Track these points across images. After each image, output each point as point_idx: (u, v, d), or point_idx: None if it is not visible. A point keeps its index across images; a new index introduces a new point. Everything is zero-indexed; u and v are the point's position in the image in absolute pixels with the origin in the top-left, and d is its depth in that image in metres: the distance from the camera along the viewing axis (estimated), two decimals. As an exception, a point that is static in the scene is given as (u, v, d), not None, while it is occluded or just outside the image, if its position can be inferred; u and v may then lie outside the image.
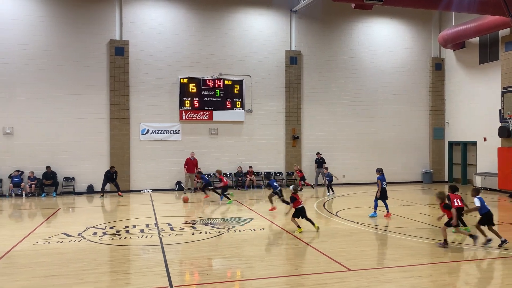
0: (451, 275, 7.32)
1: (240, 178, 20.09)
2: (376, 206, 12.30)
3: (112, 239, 9.79)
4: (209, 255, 8.50)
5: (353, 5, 15.48)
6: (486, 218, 8.93)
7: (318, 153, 20.93)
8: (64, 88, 18.29)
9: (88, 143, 18.55)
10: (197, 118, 19.84)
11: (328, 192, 17.60)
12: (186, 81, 19.63)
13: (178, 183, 19.42)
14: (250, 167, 20.23)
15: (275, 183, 13.72)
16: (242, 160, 20.38)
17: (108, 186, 18.23)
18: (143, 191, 18.99)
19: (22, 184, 17.50)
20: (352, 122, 22.05)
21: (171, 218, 12.62)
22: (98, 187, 18.19)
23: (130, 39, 19.04)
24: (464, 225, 9.90)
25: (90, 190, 18.31)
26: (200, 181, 18.07)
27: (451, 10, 17.64)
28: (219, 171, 16.13)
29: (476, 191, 9.28)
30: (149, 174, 19.26)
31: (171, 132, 19.66)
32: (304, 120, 21.38)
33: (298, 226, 10.34)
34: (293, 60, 21.10)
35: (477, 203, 8.93)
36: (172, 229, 10.90)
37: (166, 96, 19.55)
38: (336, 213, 13.12)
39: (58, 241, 9.47)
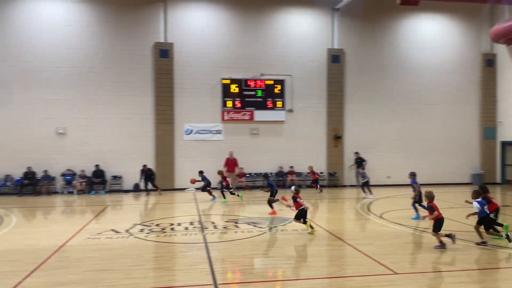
0: (507, 282, 6.96)
1: (281, 178, 20.06)
2: (416, 209, 11.97)
3: (158, 236, 10.07)
4: (252, 254, 8.55)
5: (398, 1, 15.07)
6: (485, 222, 8.81)
7: (356, 153, 20.50)
8: (112, 90, 19.02)
9: (135, 142, 19.18)
10: (239, 118, 20.02)
11: (365, 193, 16.75)
12: (228, 81, 19.85)
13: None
14: (291, 167, 20.16)
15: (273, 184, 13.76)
16: (283, 160, 20.34)
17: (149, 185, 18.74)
18: (187, 189, 19.39)
19: (73, 182, 18.37)
20: (396, 122, 21.46)
21: (214, 216, 12.83)
22: (142, 185, 18.80)
23: (175, 41, 19.51)
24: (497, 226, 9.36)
25: (136, 188, 18.93)
26: (242, 180, 18.24)
27: (503, 3, 16.75)
28: (220, 172, 16.34)
29: (476, 194, 9.08)
30: (193, 173, 19.56)
31: (213, 132, 19.96)
32: (346, 119, 21.04)
33: (311, 227, 10.12)
34: (335, 58, 20.81)
35: (475, 207, 8.79)
36: (215, 227, 11.06)
37: (209, 96, 19.86)
38: (381, 215, 12.81)
39: (107, 237, 9.86)
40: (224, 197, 15.62)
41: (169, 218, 12.56)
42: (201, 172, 16.82)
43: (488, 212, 8.89)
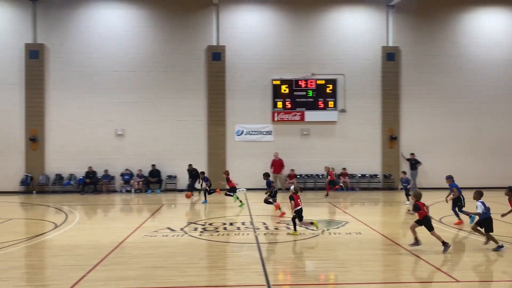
0: None
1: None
2: (457, 214, 11.40)
3: (211, 235, 10.25)
4: (305, 256, 8.47)
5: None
6: (485, 224, 8.57)
7: (411, 154, 19.69)
8: (167, 93, 19.66)
9: (188, 143, 19.70)
10: (289, 119, 19.95)
11: (408, 200, 15.00)
12: (278, 82, 19.86)
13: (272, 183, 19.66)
14: (344, 168, 19.77)
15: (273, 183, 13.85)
16: (335, 162, 19.99)
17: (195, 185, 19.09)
18: (238, 190, 19.57)
19: (131, 181, 19.17)
20: (456, 122, 20.41)
21: (266, 217, 12.85)
22: (198, 184, 19.21)
23: (226, 44, 19.81)
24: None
25: (190, 188, 19.36)
26: (292, 181, 18.13)
27: None
28: (226, 172, 16.13)
29: (479, 194, 8.84)
30: (244, 174, 19.81)
31: (264, 133, 20.04)
32: (402, 119, 20.32)
33: (295, 229, 10.15)
34: (390, 56, 20.17)
35: (479, 208, 8.61)
36: (267, 228, 11.08)
37: (259, 97, 19.98)
38: (440, 219, 12.23)
39: (163, 235, 10.18)
40: (231, 195, 15.27)
41: (222, 218, 12.74)
42: (202, 173, 16.91)
43: (489, 214, 8.61)
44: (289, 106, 19.92)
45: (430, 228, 8.48)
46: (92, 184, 18.96)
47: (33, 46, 19.38)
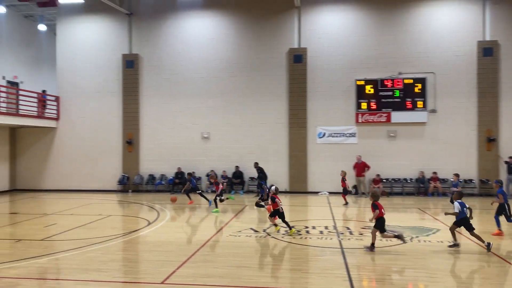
0: None
1: (422, 185, 18.63)
2: (498, 222, 10.37)
3: (293, 238, 10.23)
4: (391, 264, 8.08)
5: None
6: (463, 224, 8.84)
7: (510, 157, 17.76)
8: (249, 96, 20.10)
9: (270, 146, 19.93)
10: (374, 120, 19.24)
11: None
12: (362, 83, 19.27)
13: (354, 187, 19.13)
14: (434, 172, 18.55)
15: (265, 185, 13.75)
16: (425, 165, 18.86)
17: (283, 185, 19.18)
18: (320, 193, 19.37)
19: (216, 182, 19.87)
20: None
21: (350, 221, 12.52)
22: (279, 186, 19.29)
23: (308, 46, 19.73)
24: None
25: (259, 187, 19.58)
26: (378, 186, 17.46)
27: None
28: (212, 176, 15.50)
29: (459, 195, 9.16)
30: (326, 177, 19.53)
31: (347, 135, 19.56)
32: (501, 120, 18.54)
33: (275, 225, 10.67)
34: (488, 51, 18.53)
35: (456, 208, 8.85)
36: (351, 233, 10.79)
37: (342, 99, 19.55)
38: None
39: (247, 235, 10.39)
40: (216, 206, 14.57)
41: (304, 221, 12.67)
42: (189, 174, 16.71)
43: (466, 214, 8.81)
44: (374, 107, 19.22)
45: (382, 230, 8.80)
46: (181, 184, 19.98)
47: (129, 57, 21.06)
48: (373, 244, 8.82)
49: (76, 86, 21.50)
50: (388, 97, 19.11)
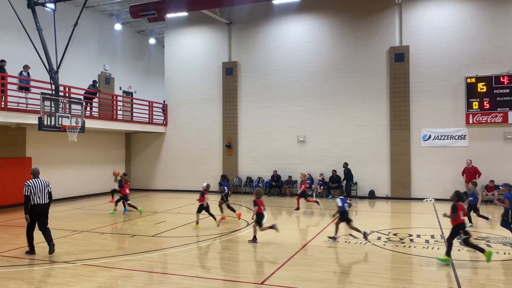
0: None
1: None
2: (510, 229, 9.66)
3: (396, 246, 9.72)
4: (508, 280, 7.23)
5: None
6: (343, 217, 10.00)
7: None
8: (347, 99, 19.63)
9: (369, 149, 19.22)
10: (487, 121, 17.48)
11: (470, 221, 11.88)
12: (473, 80, 17.63)
13: (465, 193, 17.54)
14: None
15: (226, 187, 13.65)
16: (551, 171, 16.61)
17: (384, 190, 18.31)
18: (425, 199, 18.14)
19: (313, 185, 19.74)
20: None
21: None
22: (379, 192, 18.67)
23: (410, 44, 18.67)
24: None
25: (371, 195, 18.87)
26: (493, 193, 15.82)
27: None
28: (204, 187, 12.57)
29: (341, 192, 10.53)
30: (432, 182, 18.25)
31: (456, 137, 18.04)
32: None
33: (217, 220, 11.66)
34: None
35: (339, 203, 10.00)
36: (461, 243, 9.90)
37: (449, 99, 18.11)
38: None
39: (346, 241, 10.13)
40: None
41: (407, 229, 11.97)
42: (224, 176, 15.01)
43: (346, 208, 10.01)
44: (488, 106, 17.47)
45: (260, 224, 9.93)
46: (277, 187, 20.26)
47: (228, 64, 21.99)
48: (255, 237, 10.03)
49: (182, 93, 23.05)
50: (504, 95, 17.22)
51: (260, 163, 21.24)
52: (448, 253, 8.19)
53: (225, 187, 14.00)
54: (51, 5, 15.47)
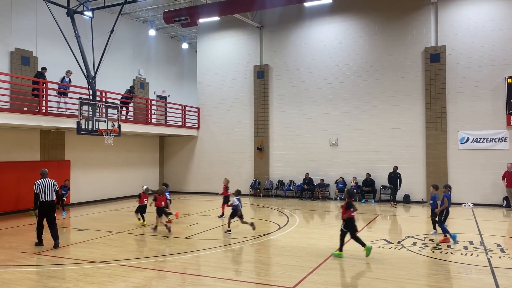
0: None
1: None
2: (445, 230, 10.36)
3: (432, 252, 9.43)
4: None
5: None
6: (234, 213, 11.57)
7: None
8: (380, 101, 19.26)
9: (404, 152, 18.76)
10: (531, 123, 16.72)
11: (434, 228, 11.43)
12: (514, 80, 16.92)
13: (506, 198, 16.84)
14: None
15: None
16: None
17: (419, 194, 17.81)
18: (463, 204, 17.52)
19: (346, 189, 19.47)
20: None
21: (500, 238, 11.05)
22: (414, 196, 18.19)
23: (447, 44, 18.13)
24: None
25: (406, 199, 18.39)
26: None
27: None
28: (144, 190, 13.36)
29: (237, 192, 12.04)
30: (470, 187, 17.61)
31: (496, 140, 17.35)
32: None
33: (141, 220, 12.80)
34: None
35: (235, 202, 11.57)
36: (502, 250, 9.50)
37: (489, 100, 17.44)
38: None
39: (380, 246, 9.92)
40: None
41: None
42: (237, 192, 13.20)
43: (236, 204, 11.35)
44: (530, 107, 16.70)
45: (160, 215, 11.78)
46: (309, 190, 20.09)
47: (259, 68, 22.06)
48: (156, 226, 11.89)
49: (214, 97, 23.31)
50: (549, 95, 16.41)
51: (291, 166, 21.15)
52: (341, 248, 9.05)
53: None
54: (89, 13, 16.06)
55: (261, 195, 21.44)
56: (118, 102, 17.76)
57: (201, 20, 20.39)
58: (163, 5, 21.10)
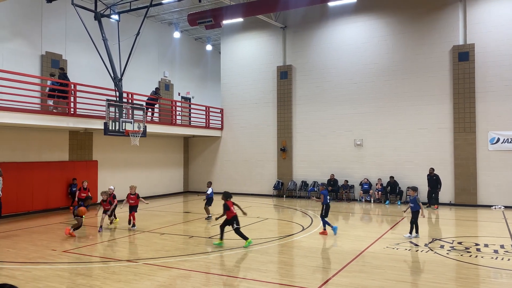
0: None
1: None
2: (325, 224, 11.58)
3: (461, 255, 9.18)
4: None
5: None
6: (209, 203, 13.71)
7: None
8: (406, 100, 18.91)
9: (430, 153, 18.36)
10: None
11: (410, 232, 11.08)
12: (548, 79, 16.31)
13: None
14: None
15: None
16: None
17: (447, 196, 17.37)
18: (493, 207, 17.00)
19: (370, 191, 19.20)
20: None
21: (533, 242, 10.66)
22: (442, 198, 17.76)
23: (476, 42, 17.64)
24: None
25: (435, 202, 17.96)
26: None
27: None
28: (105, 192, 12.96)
29: (209, 184, 14.20)
30: (501, 189, 17.07)
31: (528, 140, 16.77)
32: None
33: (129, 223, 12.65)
34: None
35: (208, 191, 14.17)
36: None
37: (521, 99, 16.88)
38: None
39: (406, 249, 9.73)
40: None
41: (473, 237, 11.27)
42: (209, 184, 15.17)
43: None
44: None
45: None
46: (333, 191, 19.89)
47: (283, 68, 22.01)
48: (101, 226, 12.13)
49: (237, 98, 23.40)
50: None
51: (315, 167, 21.01)
52: (221, 237, 10.20)
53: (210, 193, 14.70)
54: (116, 17, 16.39)
55: (284, 196, 21.38)
56: (144, 103, 18.06)
57: (225, 22, 20.52)
58: (187, 7, 21.34)
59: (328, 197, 11.70)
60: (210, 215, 14.20)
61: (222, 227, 10.28)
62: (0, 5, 15.43)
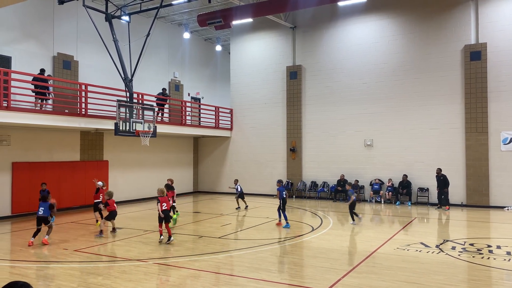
0: None
1: None
2: (282, 216, 12.92)
3: (473, 257, 9.08)
4: None
5: None
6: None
7: None
8: (417, 100, 18.76)
9: (442, 154, 18.19)
10: None
11: (353, 220, 13.57)
12: (562, 78, 16.04)
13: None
14: None
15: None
16: None
17: (459, 197, 17.18)
18: (506, 208, 16.78)
19: (381, 191, 19.07)
20: None
21: (547, 244, 10.49)
22: (453, 199, 17.58)
23: (488, 41, 17.43)
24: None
25: (446, 203, 17.79)
26: None
27: None
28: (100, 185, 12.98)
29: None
30: (513, 190, 16.85)
31: (541, 141, 16.52)
32: None
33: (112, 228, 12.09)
34: None
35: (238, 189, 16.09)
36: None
37: (534, 98, 16.62)
38: None
39: (417, 250, 9.65)
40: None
41: (485, 239, 11.14)
42: (236, 181, 17.70)
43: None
44: None
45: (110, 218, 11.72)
46: (343, 192, 19.80)
47: (292, 68, 21.98)
48: (102, 231, 11.55)
49: (246, 98, 23.42)
50: None
51: (325, 168, 20.94)
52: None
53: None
54: (126, 18, 16.52)
55: (294, 196, 21.34)
56: (154, 104, 18.16)
57: (234, 22, 20.56)
58: (197, 8, 21.42)
59: (284, 192, 13.09)
60: (239, 206, 17.15)
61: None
62: (12, 7, 15.65)
